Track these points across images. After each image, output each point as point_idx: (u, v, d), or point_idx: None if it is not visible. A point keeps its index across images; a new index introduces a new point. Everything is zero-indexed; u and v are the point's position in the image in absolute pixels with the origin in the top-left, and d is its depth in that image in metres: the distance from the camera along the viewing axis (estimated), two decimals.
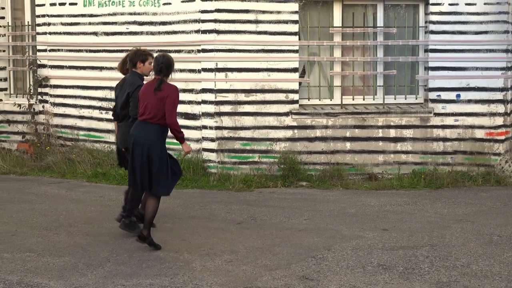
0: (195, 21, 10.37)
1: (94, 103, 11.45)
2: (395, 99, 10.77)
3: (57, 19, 11.67)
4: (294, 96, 10.45)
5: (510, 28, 10.60)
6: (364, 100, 10.78)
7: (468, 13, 10.54)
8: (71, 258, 6.66)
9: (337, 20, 10.65)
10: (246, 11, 10.29)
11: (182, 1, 10.50)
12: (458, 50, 10.58)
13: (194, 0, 10.36)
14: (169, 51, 10.37)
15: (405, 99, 10.80)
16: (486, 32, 10.58)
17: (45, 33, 11.83)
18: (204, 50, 10.34)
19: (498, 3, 10.56)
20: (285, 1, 10.33)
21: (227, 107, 10.35)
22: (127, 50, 10.80)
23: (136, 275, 6.17)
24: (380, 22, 10.71)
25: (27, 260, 6.60)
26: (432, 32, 10.57)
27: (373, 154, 10.55)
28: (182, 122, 10.47)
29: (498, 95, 10.67)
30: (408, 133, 10.59)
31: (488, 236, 7.43)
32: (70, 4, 11.52)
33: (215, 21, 10.25)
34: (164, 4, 10.66)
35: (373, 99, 10.80)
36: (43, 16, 11.82)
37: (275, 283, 5.96)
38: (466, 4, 10.53)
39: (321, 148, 10.49)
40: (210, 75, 10.32)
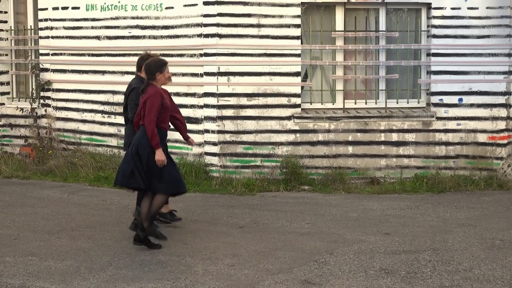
0: (198, 25, 10.38)
1: (97, 107, 11.46)
2: (397, 103, 10.78)
3: (60, 23, 11.68)
4: (296, 100, 10.45)
5: None
6: (366, 104, 10.77)
7: (470, 17, 10.54)
8: (73, 262, 6.66)
9: (339, 24, 10.65)
10: (248, 15, 10.30)
11: (185, 5, 10.51)
12: (461, 54, 10.58)
13: (197, 4, 10.38)
14: (172, 55, 10.44)
15: (407, 103, 10.80)
16: (489, 36, 10.58)
17: (48, 37, 11.85)
18: (207, 54, 10.35)
19: (500, 7, 10.56)
20: (287, 5, 10.33)
21: (229, 111, 10.35)
22: (130, 54, 10.94)
23: (138, 279, 6.17)
24: (382, 26, 10.71)
25: (29, 264, 6.60)
26: (434, 36, 10.58)
27: (375, 158, 10.54)
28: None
29: (501, 99, 10.66)
30: (410, 137, 10.58)
31: (491, 241, 7.42)
32: (73, 8, 11.54)
33: (218, 25, 10.26)
34: (167, 8, 10.67)
35: (375, 103, 10.79)
36: (46, 20, 11.83)
37: (277, 287, 5.96)
38: (468, 8, 10.53)
39: (323, 152, 10.49)
40: (213, 79, 10.32)
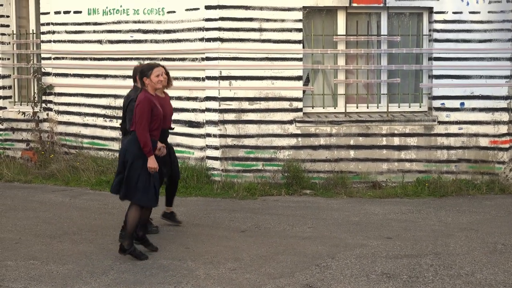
0: (199, 29, 10.39)
1: (98, 111, 11.47)
2: (399, 107, 10.77)
3: (62, 27, 11.69)
4: (298, 104, 10.45)
5: None
6: (368, 108, 10.77)
7: (472, 22, 10.54)
8: (75, 266, 6.66)
9: (341, 28, 10.66)
10: (250, 19, 10.30)
11: (187, 9, 10.52)
12: (462, 58, 10.58)
13: (199, 8, 10.39)
14: (173, 59, 10.46)
15: (409, 107, 10.80)
16: (490, 40, 10.58)
17: (50, 41, 11.86)
18: (208, 58, 10.35)
19: (502, 12, 10.56)
20: (289, 10, 10.34)
21: (231, 115, 10.36)
22: (132, 58, 10.95)
23: (140, 283, 6.17)
24: (384, 30, 10.71)
25: (31, 268, 6.60)
26: (436, 40, 10.58)
27: (377, 162, 10.54)
28: (186, 130, 10.54)
29: (503, 103, 10.66)
30: (412, 141, 10.58)
31: (493, 245, 7.41)
32: (75, 12, 11.55)
33: (219, 29, 10.27)
34: (169, 13, 10.68)
35: (377, 107, 10.79)
36: (48, 24, 11.84)
37: None
38: (470, 13, 10.53)
39: (325, 156, 10.49)
40: (214, 83, 10.33)
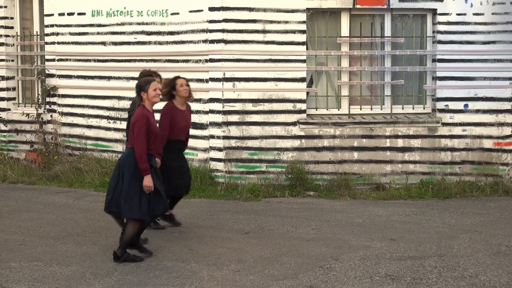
0: (203, 31, 10.40)
1: (102, 113, 11.48)
2: (403, 109, 10.76)
3: (66, 29, 11.71)
4: (302, 106, 10.45)
5: None
6: (372, 110, 10.76)
7: (476, 23, 10.54)
8: (79, 268, 6.66)
9: (345, 30, 10.66)
10: (254, 21, 10.31)
11: (190, 11, 10.53)
12: (466, 60, 10.57)
13: (202, 10, 10.39)
14: (177, 61, 10.48)
15: (413, 109, 10.79)
16: (494, 42, 10.57)
17: (54, 43, 11.88)
18: (212, 60, 10.36)
19: (506, 13, 10.55)
20: (293, 11, 10.34)
21: (235, 117, 10.36)
22: (135, 60, 10.97)
23: (143, 285, 6.17)
24: (388, 32, 10.71)
25: (35, 269, 6.61)
26: (440, 42, 10.57)
27: (381, 164, 10.53)
28: (190, 132, 10.52)
29: (506, 105, 10.65)
30: (416, 143, 10.57)
31: (497, 247, 7.40)
32: (79, 14, 11.57)
33: (223, 31, 10.27)
34: (172, 14, 10.69)
35: (381, 109, 10.78)
36: (52, 26, 11.87)
37: None
38: (474, 14, 10.52)
39: (329, 158, 10.48)
40: (218, 85, 10.33)
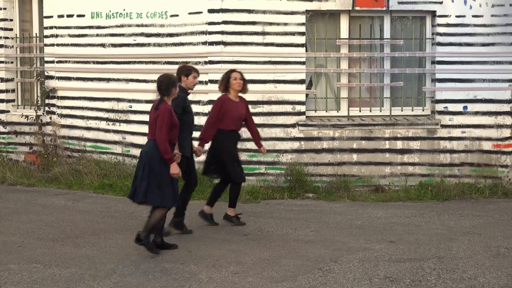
0: (202, 33, 10.40)
1: (101, 115, 11.47)
2: (402, 111, 10.77)
3: (65, 31, 11.72)
4: (301, 108, 10.45)
5: None
6: (371, 112, 10.77)
7: (475, 25, 10.55)
8: (78, 270, 6.65)
9: (344, 32, 10.66)
10: (253, 23, 10.32)
11: (189, 13, 10.53)
12: (465, 62, 10.58)
13: (201, 12, 10.40)
14: (176, 63, 10.42)
15: (412, 111, 10.79)
16: (493, 44, 10.58)
17: (53, 45, 11.89)
18: (211, 62, 10.36)
19: (505, 15, 10.57)
20: (292, 13, 10.35)
21: None
22: (135, 62, 10.97)
23: (142, 287, 6.16)
24: (387, 34, 10.71)
25: (34, 271, 6.60)
26: (439, 44, 10.58)
27: (380, 166, 10.53)
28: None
29: (506, 107, 10.65)
30: (415, 145, 10.57)
31: (496, 249, 7.39)
32: (78, 16, 11.58)
33: (222, 33, 10.28)
34: (172, 16, 10.70)
35: (380, 111, 10.78)
36: (51, 28, 11.87)
37: None
38: (473, 16, 10.53)
39: (328, 160, 10.48)
40: (217, 87, 10.30)
